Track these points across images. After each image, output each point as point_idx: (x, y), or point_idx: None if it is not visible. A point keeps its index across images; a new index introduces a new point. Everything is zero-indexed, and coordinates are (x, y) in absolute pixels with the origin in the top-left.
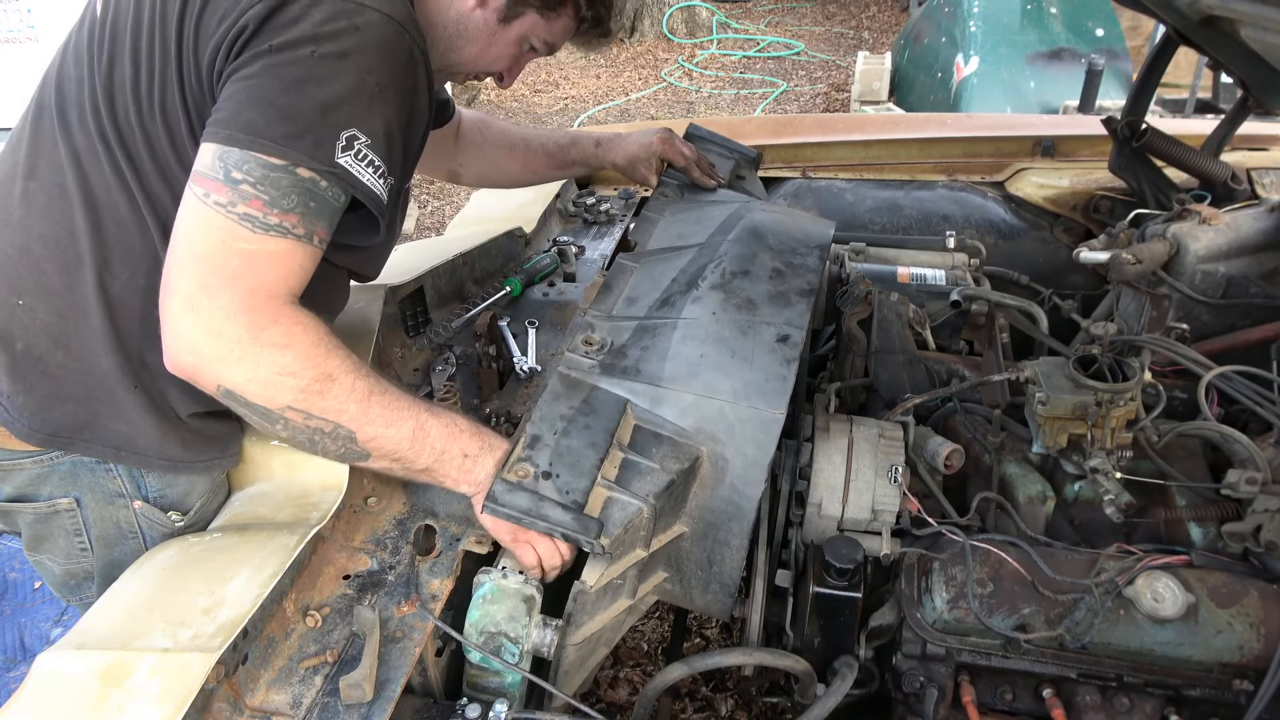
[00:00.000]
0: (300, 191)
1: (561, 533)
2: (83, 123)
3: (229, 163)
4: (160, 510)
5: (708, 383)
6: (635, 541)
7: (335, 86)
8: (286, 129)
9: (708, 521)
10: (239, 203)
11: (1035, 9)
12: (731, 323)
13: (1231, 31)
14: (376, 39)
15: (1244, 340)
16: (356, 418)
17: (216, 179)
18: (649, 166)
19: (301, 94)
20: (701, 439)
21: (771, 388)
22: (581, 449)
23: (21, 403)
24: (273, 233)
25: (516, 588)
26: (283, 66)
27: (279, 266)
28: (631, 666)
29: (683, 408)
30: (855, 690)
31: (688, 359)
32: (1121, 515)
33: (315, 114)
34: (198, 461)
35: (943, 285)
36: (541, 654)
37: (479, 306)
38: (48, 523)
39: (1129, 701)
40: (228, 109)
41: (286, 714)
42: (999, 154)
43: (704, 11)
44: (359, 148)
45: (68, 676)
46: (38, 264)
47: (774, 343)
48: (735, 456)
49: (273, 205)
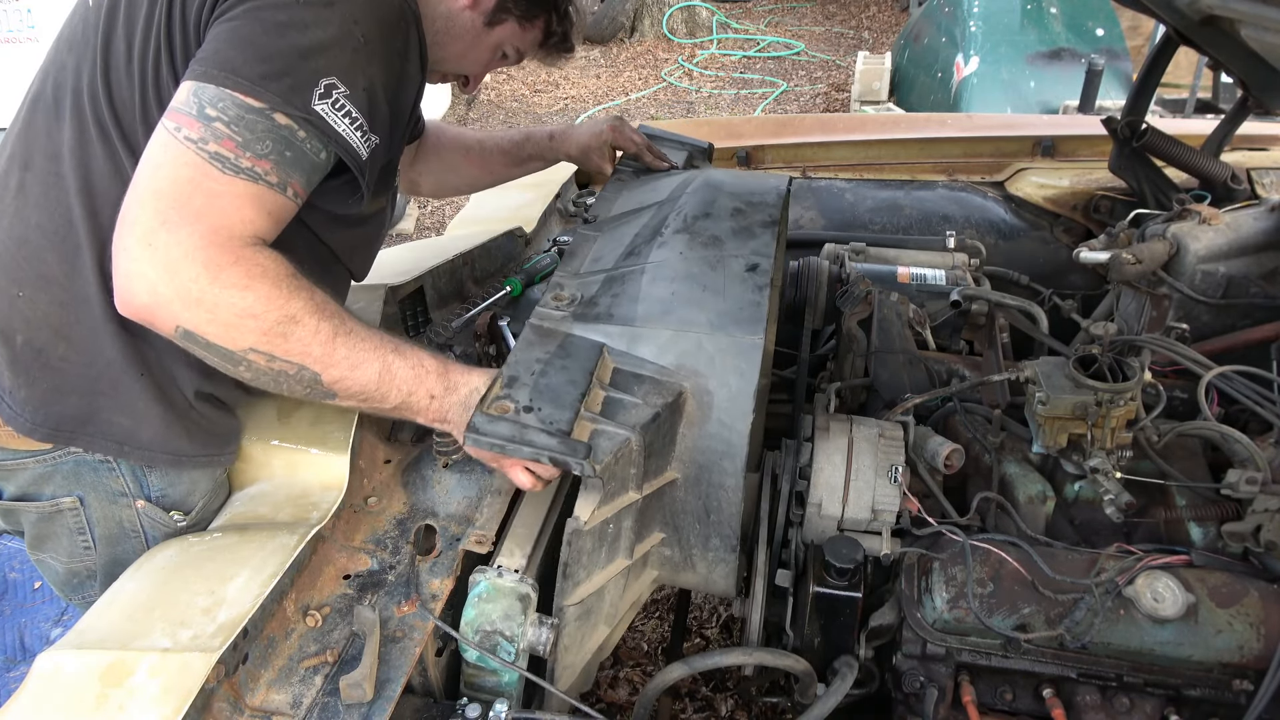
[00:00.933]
0: (276, 138)
1: (549, 456)
2: (78, 109)
3: (203, 98)
4: (163, 510)
5: (682, 317)
6: (626, 479)
7: (317, 33)
8: (263, 69)
9: (699, 464)
10: (210, 140)
11: (1035, 9)
12: (699, 259)
13: (1231, 31)
14: None
15: (1244, 340)
16: (320, 360)
17: (189, 114)
18: (602, 155)
19: (282, 37)
20: (683, 375)
21: (746, 315)
22: (562, 386)
23: (24, 397)
24: (243, 176)
25: (512, 586)
26: (266, 9)
27: (245, 208)
28: (631, 666)
29: (660, 345)
30: (855, 690)
31: (659, 298)
32: (1121, 515)
33: (294, 57)
34: (200, 455)
35: (943, 285)
36: (538, 652)
37: (479, 306)
38: (51, 522)
39: (1129, 701)
40: (208, 49)
41: (287, 714)
42: (999, 154)
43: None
44: (337, 97)
45: (68, 676)
46: (37, 254)
47: (744, 272)
48: (719, 388)
49: (245, 148)
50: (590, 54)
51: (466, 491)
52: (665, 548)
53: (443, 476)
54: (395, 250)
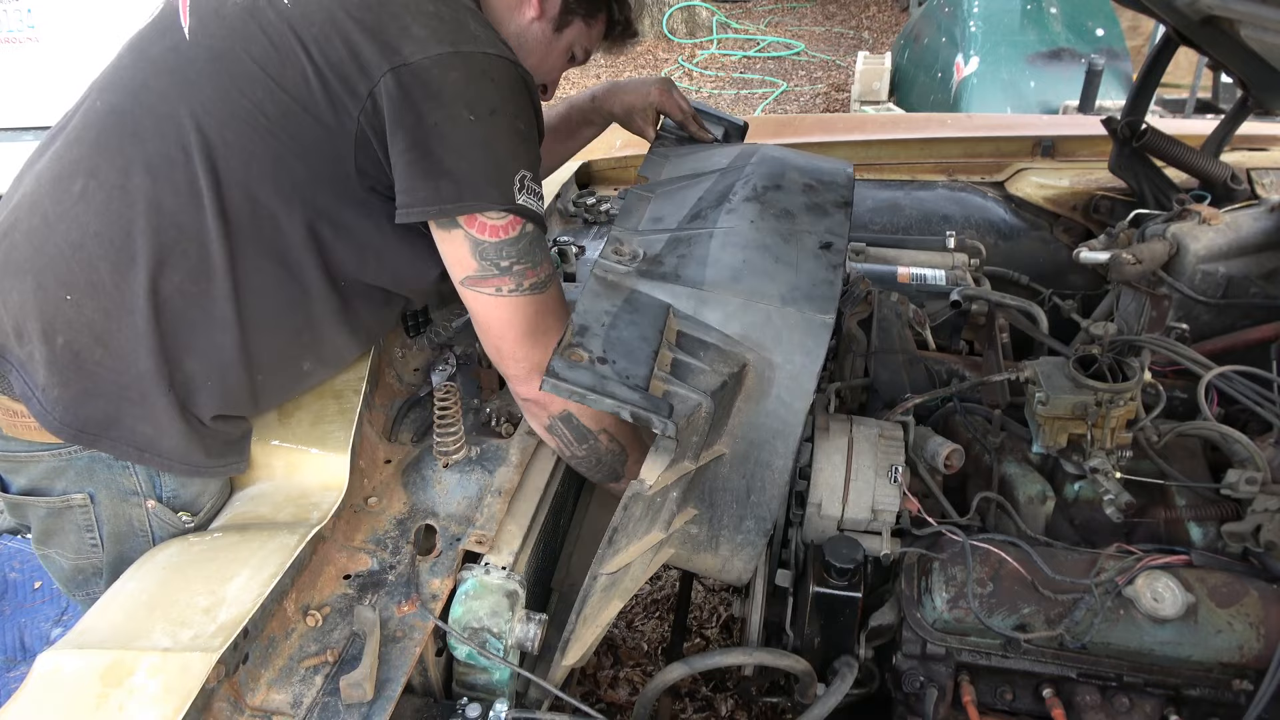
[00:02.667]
0: (530, 241)
1: (631, 410)
2: (161, 131)
3: (490, 256)
4: (172, 511)
5: (752, 287)
6: (688, 446)
7: (501, 143)
8: (491, 189)
9: (750, 440)
10: (523, 281)
11: (1035, 9)
12: (771, 230)
13: (1231, 31)
14: (510, 84)
15: (1244, 340)
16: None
17: (493, 275)
18: (645, 118)
19: (483, 152)
20: (747, 346)
21: (819, 292)
22: (633, 340)
23: (56, 396)
24: (547, 286)
25: (499, 583)
26: (450, 135)
27: (553, 311)
28: (631, 666)
29: (728, 312)
30: (855, 690)
31: (729, 264)
32: (1121, 515)
33: (492, 169)
34: (216, 466)
35: (943, 285)
36: (526, 649)
37: None
38: (60, 517)
39: (1129, 701)
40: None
41: (287, 713)
42: (999, 154)
43: (704, 11)
44: (528, 184)
45: (68, 676)
46: (90, 261)
47: (818, 249)
48: (783, 364)
49: (535, 267)
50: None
51: (466, 491)
52: (694, 525)
53: (443, 476)
54: None
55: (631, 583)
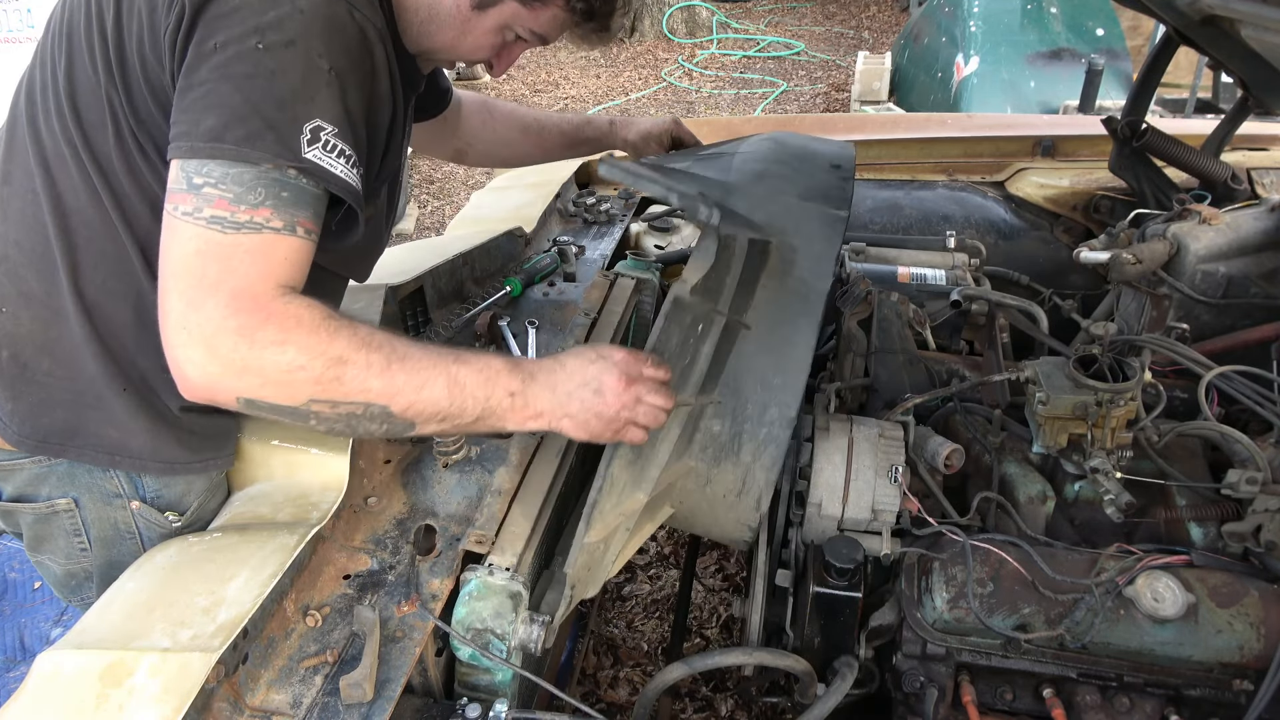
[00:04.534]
0: (267, 183)
1: (679, 195)
2: (49, 127)
3: (189, 171)
4: (157, 510)
5: (774, 185)
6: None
7: (288, 78)
8: (244, 130)
9: (775, 319)
10: (205, 207)
11: (1035, 9)
12: (786, 153)
13: (1231, 31)
14: (323, 20)
15: (1244, 340)
16: (383, 392)
17: (181, 190)
18: (661, 144)
19: (253, 90)
20: (771, 230)
21: (834, 194)
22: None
23: (11, 409)
24: (245, 230)
25: (502, 584)
26: (230, 63)
27: (258, 263)
28: (631, 666)
29: (752, 202)
30: (855, 690)
31: (752, 171)
32: (1121, 515)
33: (271, 109)
34: (194, 462)
35: (943, 285)
36: (529, 650)
37: (479, 306)
38: (47, 523)
39: (1129, 701)
40: (186, 120)
41: (287, 714)
42: (999, 154)
43: (704, 11)
44: (325, 138)
45: (68, 676)
46: (17, 271)
47: (829, 167)
48: (804, 246)
49: (238, 202)
50: (590, 54)
51: (466, 491)
52: (716, 420)
53: (443, 476)
54: (395, 250)
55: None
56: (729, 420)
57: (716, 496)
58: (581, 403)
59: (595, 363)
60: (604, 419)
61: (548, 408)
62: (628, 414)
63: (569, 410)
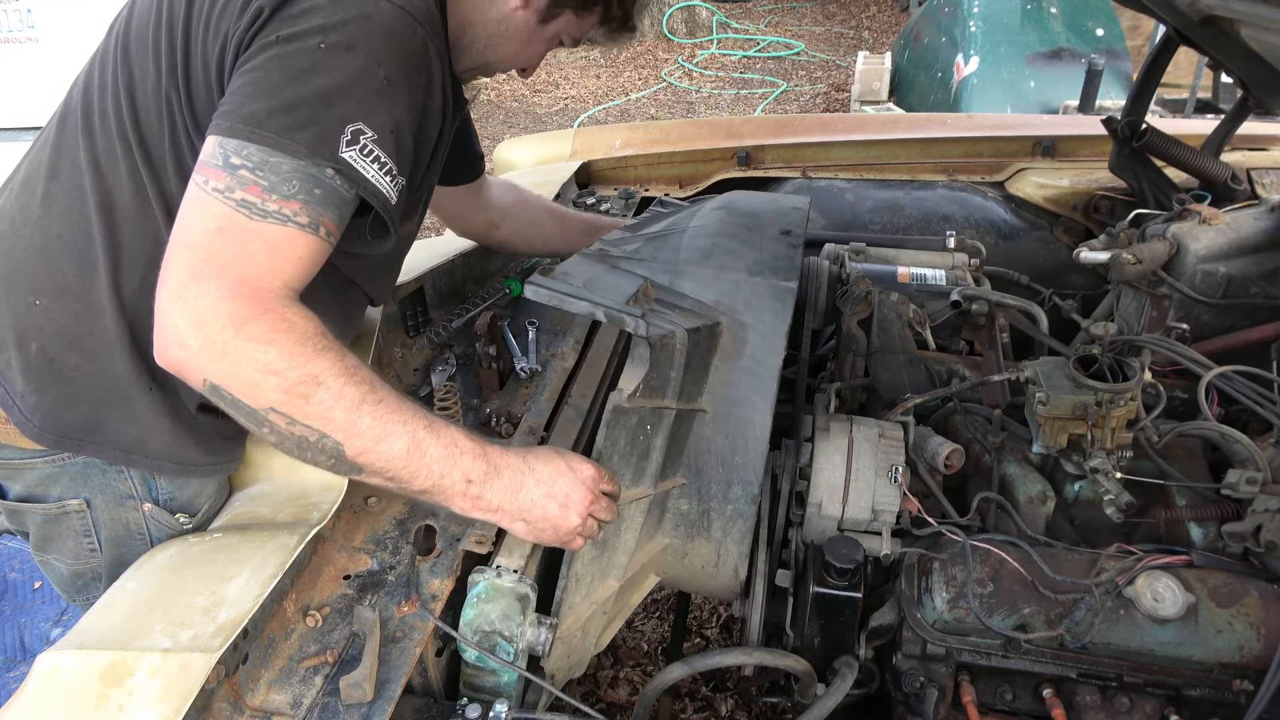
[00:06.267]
0: (302, 178)
1: (605, 311)
2: (104, 125)
3: (228, 150)
4: (169, 513)
5: (722, 263)
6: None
7: (340, 77)
8: (288, 120)
9: (730, 399)
10: (237, 188)
11: (1035, 9)
12: (737, 224)
13: (1231, 31)
14: (387, 30)
15: (1244, 340)
16: (343, 428)
17: (215, 165)
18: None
19: (306, 84)
20: (720, 310)
21: (782, 265)
22: (613, 282)
23: (34, 404)
24: (271, 219)
25: (511, 586)
26: (288, 57)
27: (274, 256)
28: (631, 666)
29: (700, 282)
30: (855, 690)
31: (700, 248)
32: (1121, 515)
33: (318, 105)
34: (208, 464)
35: (943, 285)
36: (536, 653)
37: (479, 307)
38: (57, 523)
39: (1129, 701)
40: (232, 101)
41: (287, 714)
42: (999, 154)
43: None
44: (364, 142)
45: (68, 676)
46: (56, 264)
47: (778, 235)
48: (754, 324)
49: (271, 190)
50: (590, 54)
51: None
52: (684, 500)
53: None
54: None
55: (625, 558)
56: (695, 499)
57: (696, 568)
58: (543, 512)
59: (565, 475)
60: (559, 531)
61: (504, 507)
62: (580, 529)
63: (526, 515)
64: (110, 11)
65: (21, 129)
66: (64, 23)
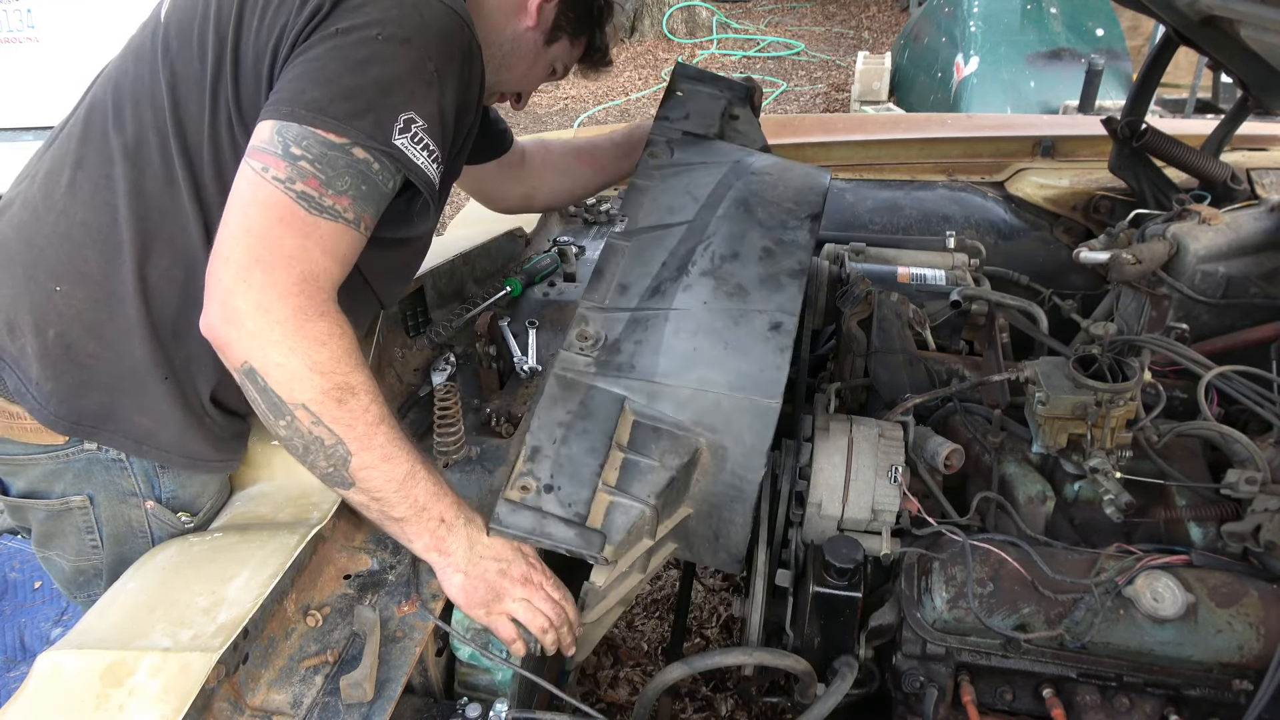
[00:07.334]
0: (354, 173)
1: (566, 549)
2: (138, 116)
3: (288, 137)
4: (171, 511)
5: (702, 376)
6: (640, 536)
7: (395, 68)
8: (348, 107)
9: (711, 504)
10: (297, 180)
11: (1035, 9)
12: (723, 311)
13: (1231, 31)
14: (440, 27)
15: (1244, 340)
16: (359, 439)
17: (275, 154)
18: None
19: (364, 74)
20: (700, 431)
21: (766, 377)
22: (581, 456)
23: (50, 390)
24: (326, 215)
25: None
26: (347, 48)
27: (329, 252)
28: (631, 666)
29: (679, 402)
30: (855, 690)
31: (682, 353)
32: (1121, 515)
33: (375, 93)
34: (215, 460)
35: (943, 285)
36: (531, 650)
37: (479, 306)
38: (59, 520)
39: (1129, 701)
40: (290, 88)
41: (287, 714)
42: (999, 154)
43: (704, 11)
44: (415, 130)
45: (68, 676)
46: (78, 250)
47: (766, 331)
48: (734, 445)
49: (328, 185)
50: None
51: (466, 491)
52: (678, 552)
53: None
54: None
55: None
56: (686, 550)
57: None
58: (482, 572)
59: (516, 552)
60: (492, 591)
61: (456, 555)
62: (512, 603)
63: (469, 569)
64: (110, 11)
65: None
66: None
